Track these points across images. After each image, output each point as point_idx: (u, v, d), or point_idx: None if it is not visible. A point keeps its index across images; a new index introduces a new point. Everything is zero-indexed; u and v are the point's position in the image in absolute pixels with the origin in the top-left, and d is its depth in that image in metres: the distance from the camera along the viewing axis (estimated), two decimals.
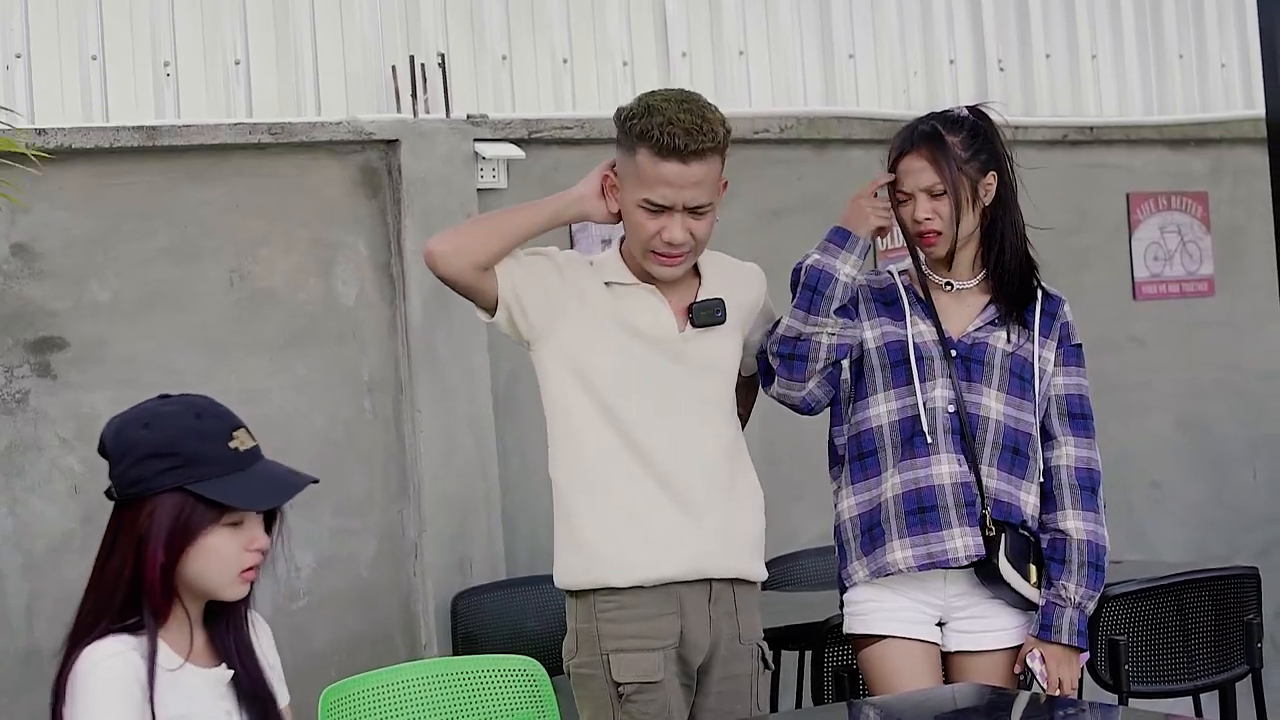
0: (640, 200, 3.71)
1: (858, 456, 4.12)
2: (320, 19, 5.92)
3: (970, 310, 4.15)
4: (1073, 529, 4.11)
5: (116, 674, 2.78)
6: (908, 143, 4.11)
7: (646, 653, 3.71)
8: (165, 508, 2.83)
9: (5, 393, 5.37)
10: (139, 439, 2.86)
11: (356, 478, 5.79)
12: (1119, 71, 7.27)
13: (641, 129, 3.68)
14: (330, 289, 5.77)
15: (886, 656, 4.08)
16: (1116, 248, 7.15)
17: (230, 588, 2.89)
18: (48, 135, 5.37)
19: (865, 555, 4.08)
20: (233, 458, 2.89)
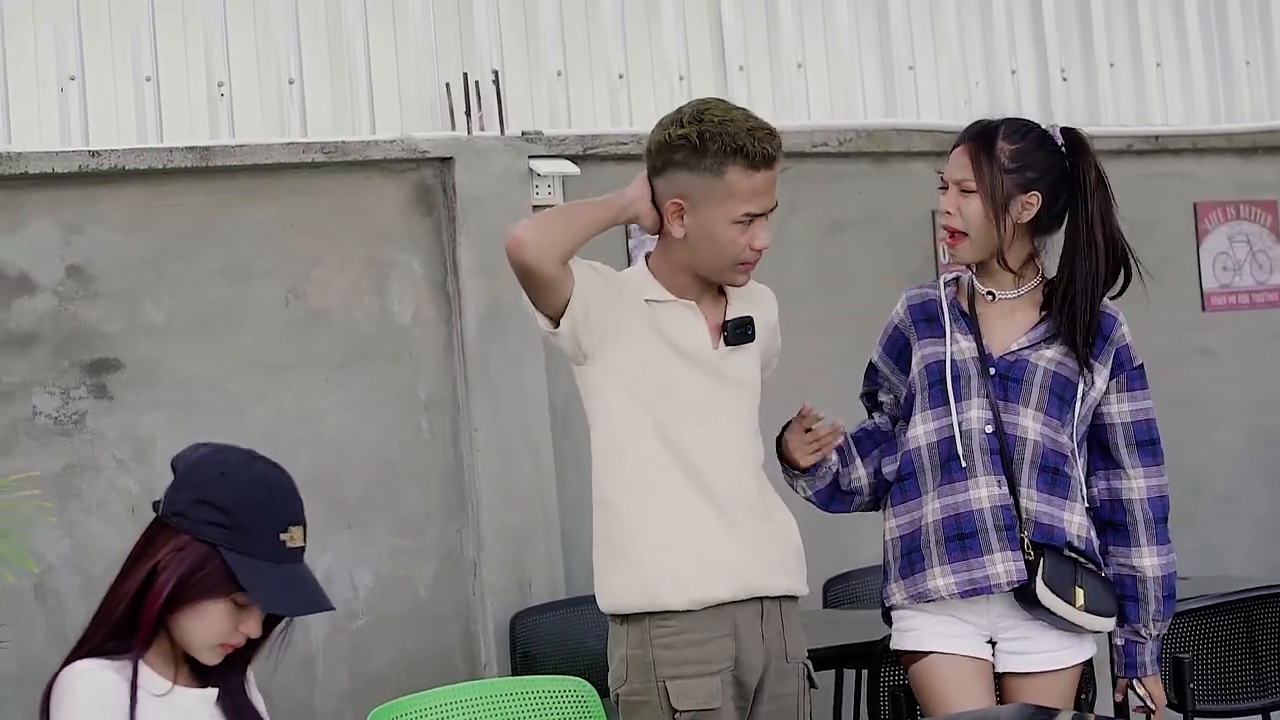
0: (738, 217, 3.62)
1: (898, 479, 4.05)
2: (374, 37, 5.92)
3: (1016, 326, 4.03)
4: (1148, 566, 4.01)
5: (93, 690, 2.78)
6: (965, 134, 4.03)
7: (704, 678, 3.63)
8: (192, 554, 2.82)
9: (62, 414, 5.37)
10: (209, 482, 2.86)
11: (413, 497, 5.76)
12: (1185, 79, 7.17)
13: (730, 146, 3.58)
14: (385, 308, 5.75)
15: (936, 672, 4.00)
16: (1184, 258, 7.04)
17: (206, 653, 2.87)
18: (101, 157, 5.38)
19: (904, 579, 4.01)
20: (277, 550, 2.86)
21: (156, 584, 2.81)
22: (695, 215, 3.63)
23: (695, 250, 3.66)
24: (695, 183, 3.61)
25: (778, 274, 6.25)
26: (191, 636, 2.86)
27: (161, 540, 2.85)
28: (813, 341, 6.20)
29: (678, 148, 3.62)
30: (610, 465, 3.74)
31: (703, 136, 3.60)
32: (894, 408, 4.15)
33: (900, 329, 4.11)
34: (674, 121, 3.65)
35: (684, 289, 3.72)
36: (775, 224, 6.17)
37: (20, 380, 5.34)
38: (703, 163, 3.60)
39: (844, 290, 6.34)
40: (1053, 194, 3.98)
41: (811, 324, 6.27)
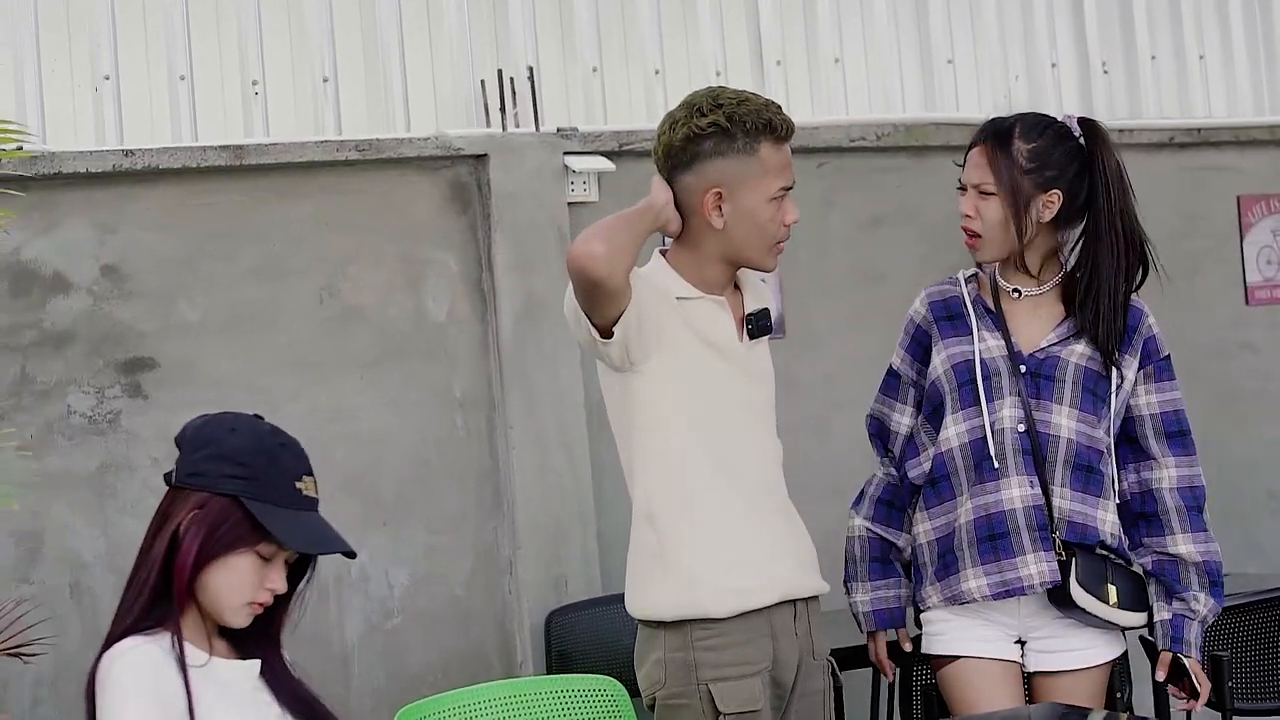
0: (776, 192, 3.64)
1: (931, 482, 4.02)
2: (409, 34, 5.91)
3: (1044, 322, 4.01)
4: (1186, 553, 4.00)
5: (135, 665, 2.80)
6: (981, 134, 4.02)
7: (747, 679, 3.61)
8: (214, 509, 2.87)
9: (97, 413, 5.37)
10: (221, 438, 2.91)
11: (449, 495, 5.74)
12: (1227, 71, 7.10)
13: (759, 123, 3.61)
14: (420, 306, 5.73)
15: (964, 676, 3.99)
16: (1228, 252, 6.98)
17: (234, 613, 2.91)
18: (135, 156, 5.38)
19: (939, 581, 4.00)
20: (294, 497, 2.93)
21: (184, 545, 2.85)
22: (734, 201, 3.62)
23: (733, 237, 3.64)
24: (731, 167, 3.61)
25: (815, 269, 6.27)
26: (220, 596, 2.88)
27: (180, 505, 2.88)
28: (850, 337, 6.18)
29: (707, 136, 3.60)
30: (656, 475, 3.67)
31: (731, 119, 3.60)
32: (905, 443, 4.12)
33: (922, 327, 4.08)
34: (692, 114, 3.63)
35: (710, 283, 3.70)
36: (813, 219, 6.27)
37: (55, 380, 5.35)
38: (735, 145, 3.60)
39: (881, 285, 6.29)
40: (1073, 190, 3.95)
41: (848, 319, 6.25)
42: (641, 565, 3.71)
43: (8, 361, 5.29)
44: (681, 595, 3.62)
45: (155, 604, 2.87)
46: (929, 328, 4.07)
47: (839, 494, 5.80)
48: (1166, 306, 6.68)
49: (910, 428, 4.11)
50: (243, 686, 2.90)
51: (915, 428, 4.09)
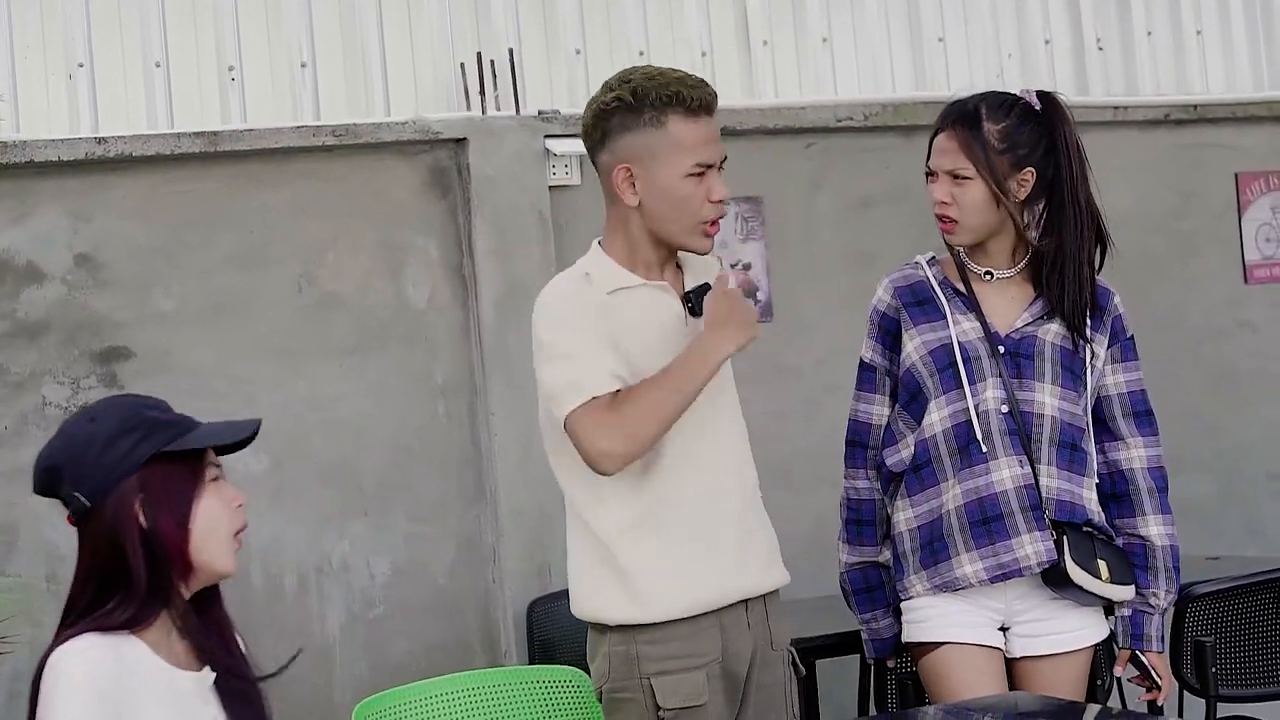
0: (690, 169, 3.49)
1: (915, 468, 3.94)
2: (387, 17, 5.85)
3: (1015, 302, 3.95)
4: (1155, 535, 3.97)
5: (83, 670, 2.71)
6: (946, 119, 3.94)
7: (690, 672, 3.52)
8: (155, 482, 2.78)
9: (72, 404, 5.32)
10: (93, 431, 2.82)
11: (431, 483, 5.69)
12: (1225, 47, 7.00)
13: (665, 96, 3.47)
14: (400, 292, 5.68)
15: (947, 663, 3.92)
16: (1226, 230, 6.88)
17: (229, 557, 2.86)
18: (108, 144, 5.33)
19: (925, 569, 3.93)
20: (184, 420, 2.86)
21: (161, 526, 2.76)
22: (646, 177, 3.50)
23: (652, 215, 3.52)
24: (638, 141, 3.49)
25: (804, 251, 6.20)
26: (211, 542, 2.82)
27: (120, 508, 2.77)
28: (840, 319, 6.10)
29: (612, 111, 3.50)
30: (583, 477, 3.55)
31: (635, 93, 3.48)
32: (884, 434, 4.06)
33: (889, 315, 4.01)
34: (602, 91, 3.55)
35: (648, 267, 3.58)
36: (801, 201, 6.20)
37: (30, 370, 5.31)
38: (641, 118, 3.48)
39: (871, 267, 6.17)
40: (1043, 166, 3.90)
41: (838, 301, 6.17)
42: (584, 570, 3.62)
43: None
44: (626, 606, 3.54)
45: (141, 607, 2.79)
46: (896, 315, 3.99)
47: (830, 481, 5.71)
48: (1164, 285, 6.67)
49: (887, 418, 4.04)
50: (193, 699, 2.83)
51: (892, 417, 4.03)
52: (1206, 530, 6.42)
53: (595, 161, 3.59)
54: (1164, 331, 6.42)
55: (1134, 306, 4.12)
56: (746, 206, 6.04)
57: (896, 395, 4.02)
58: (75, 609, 2.79)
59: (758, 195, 6.07)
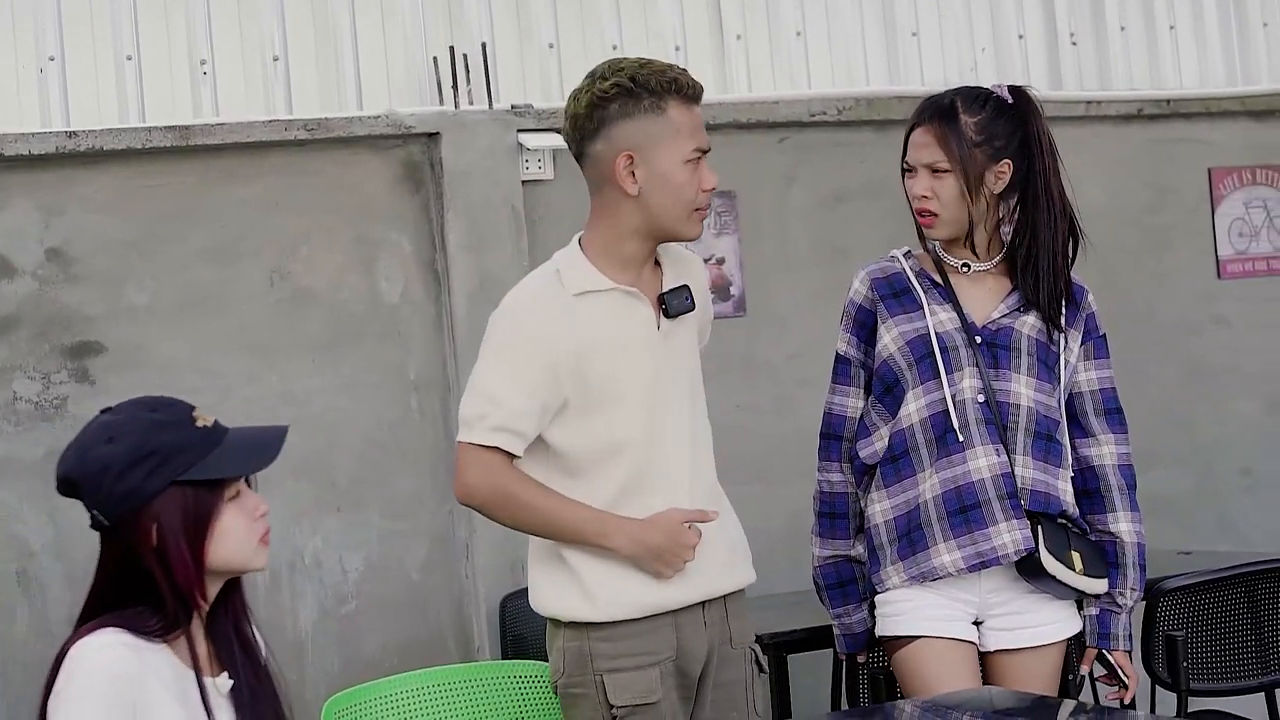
0: (689, 154, 3.51)
1: (891, 459, 3.94)
2: (360, 11, 5.83)
3: (992, 295, 3.97)
4: (1125, 532, 4.01)
5: (100, 665, 2.70)
6: (922, 114, 3.96)
7: (642, 670, 3.53)
8: (169, 508, 2.78)
9: (43, 399, 5.31)
10: (111, 455, 2.79)
11: (404, 479, 5.68)
12: (1199, 42, 7.00)
13: (664, 83, 3.49)
14: (373, 287, 5.66)
15: (921, 657, 3.92)
16: (1199, 225, 6.88)
17: (255, 558, 2.88)
18: (79, 138, 5.31)
19: (902, 560, 3.93)
20: (205, 436, 2.84)
21: (173, 556, 2.76)
22: (647, 164, 3.50)
23: (650, 203, 3.52)
24: (640, 128, 3.49)
25: (777, 246, 6.20)
26: (232, 557, 2.84)
27: (132, 532, 2.77)
28: (813, 314, 6.10)
29: (611, 99, 3.50)
30: (542, 475, 3.56)
31: (634, 80, 3.50)
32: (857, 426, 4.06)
33: (865, 307, 4.02)
34: (594, 81, 3.55)
35: (626, 265, 3.58)
36: (775, 195, 6.19)
37: (1, 365, 5.28)
38: (641, 105, 3.49)
39: (845, 262, 6.15)
40: (1019, 158, 3.92)
41: (811, 296, 6.17)
42: (540, 566, 3.63)
43: None
44: (578, 604, 3.55)
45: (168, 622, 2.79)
46: (873, 307, 4.00)
47: (804, 475, 5.70)
48: (1137, 280, 6.68)
49: (861, 410, 4.04)
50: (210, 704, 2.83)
51: (865, 409, 4.03)
52: (1180, 525, 6.44)
53: (585, 152, 3.57)
54: (1138, 326, 6.43)
55: (1107, 301, 4.13)
56: (720, 201, 6.03)
57: (869, 388, 4.02)
58: (95, 609, 2.79)
59: (731, 190, 6.06)
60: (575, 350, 3.52)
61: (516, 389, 3.51)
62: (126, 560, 2.78)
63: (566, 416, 3.55)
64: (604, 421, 3.54)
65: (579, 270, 3.58)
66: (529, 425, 3.52)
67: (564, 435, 3.56)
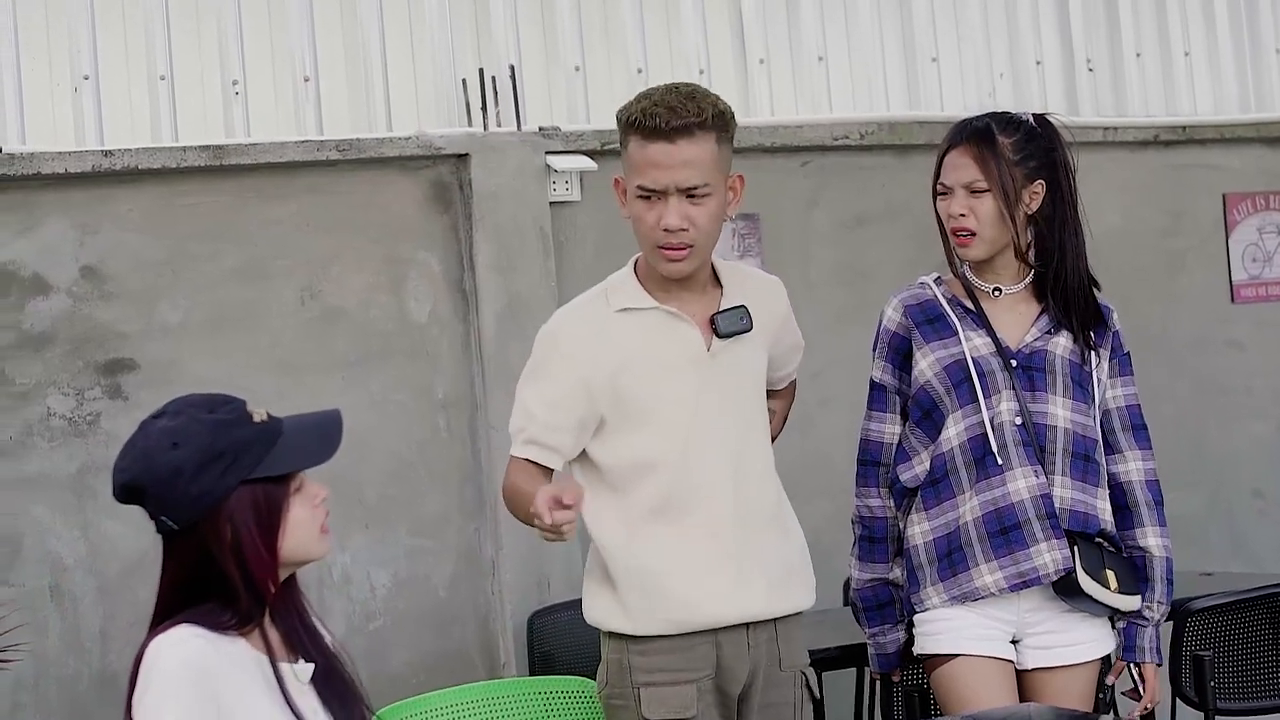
0: (636, 189, 3.54)
1: (931, 483, 4.00)
2: (390, 33, 5.88)
3: (1023, 318, 4.03)
4: (1153, 547, 4.07)
5: (180, 660, 2.75)
6: (958, 136, 4.02)
7: (679, 686, 3.58)
8: (242, 505, 2.82)
9: (77, 415, 5.35)
10: (179, 459, 2.82)
11: (432, 497, 5.72)
12: (1213, 69, 7.08)
13: (629, 117, 3.55)
14: (402, 306, 5.71)
15: (961, 675, 3.97)
16: (1213, 249, 6.96)
17: (318, 546, 2.94)
18: (115, 156, 5.35)
19: (943, 580, 3.98)
20: (266, 431, 2.90)
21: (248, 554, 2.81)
22: (627, 198, 3.62)
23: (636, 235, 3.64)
24: (623, 159, 3.63)
25: (800, 267, 6.25)
26: (299, 550, 2.89)
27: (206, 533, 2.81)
28: (835, 335, 6.16)
29: (619, 128, 3.63)
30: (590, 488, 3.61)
31: (620, 113, 3.61)
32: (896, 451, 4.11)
33: (900, 334, 4.07)
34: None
35: (664, 285, 3.63)
36: (798, 218, 6.25)
37: (34, 381, 5.32)
38: (621, 136, 3.62)
39: (866, 284, 6.28)
40: (1050, 179, 3.99)
41: (833, 317, 6.23)
42: (590, 576, 3.72)
43: None
44: (618, 617, 3.63)
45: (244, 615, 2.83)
46: (908, 333, 4.06)
47: (824, 493, 5.82)
48: (1152, 303, 6.74)
49: (899, 435, 4.10)
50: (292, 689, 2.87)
51: (903, 434, 4.09)
52: (1193, 545, 6.49)
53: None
54: (1152, 347, 6.49)
55: (1122, 322, 4.19)
56: (743, 223, 6.10)
57: (906, 413, 4.08)
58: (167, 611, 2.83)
59: (754, 212, 6.12)
60: (611, 368, 3.59)
61: (548, 404, 3.60)
62: (198, 561, 2.82)
63: (605, 432, 3.63)
64: (637, 439, 3.61)
65: (625, 288, 3.66)
66: (563, 440, 3.60)
67: (602, 450, 3.64)
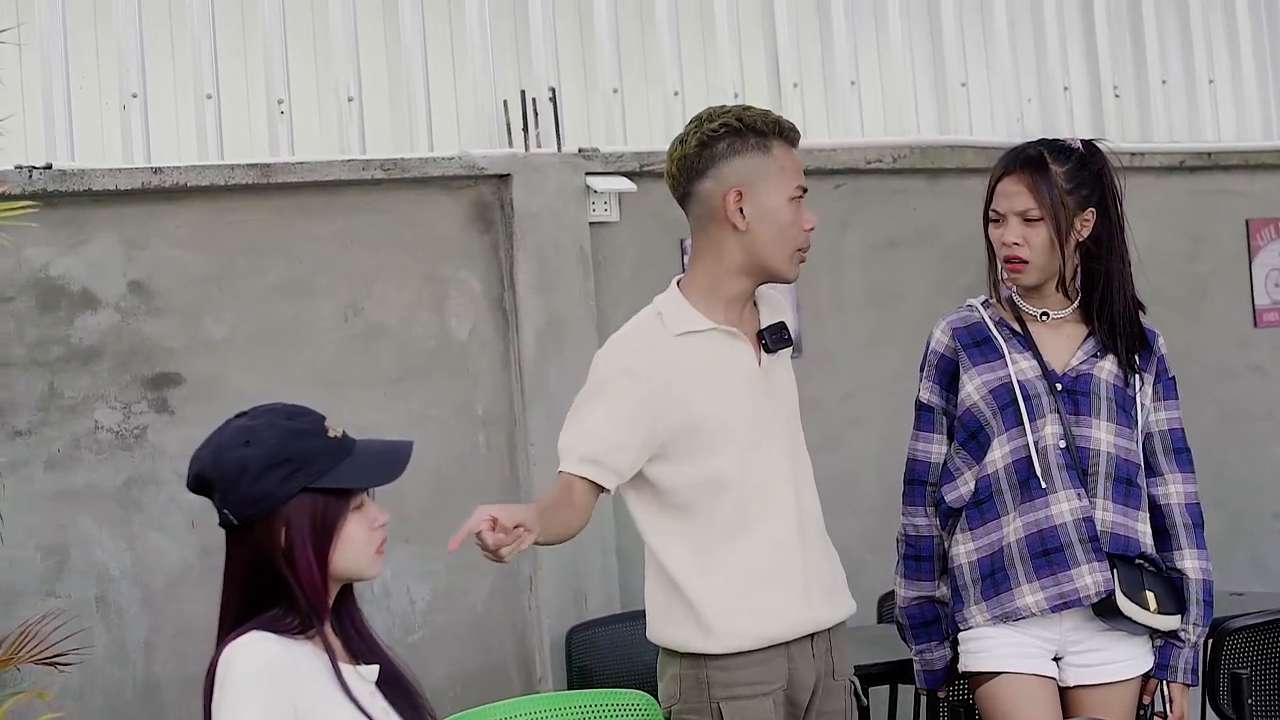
0: (793, 191, 3.64)
1: (976, 503, 4.07)
2: (432, 55, 5.97)
3: (1069, 341, 4.09)
4: (1190, 569, 4.10)
5: (255, 661, 2.81)
6: (1011, 164, 4.07)
7: (758, 699, 3.63)
8: (299, 513, 2.88)
9: (123, 428, 5.41)
10: (248, 458, 2.89)
11: (471, 511, 5.75)
12: (1237, 95, 7.18)
13: (768, 124, 3.63)
14: (444, 324, 5.79)
15: (1005, 692, 4.03)
16: (1236, 274, 7.04)
17: (371, 566, 2.97)
18: (164, 174, 5.43)
19: (986, 600, 4.04)
20: (337, 446, 2.96)
21: (298, 559, 2.86)
22: (754, 200, 3.61)
23: (756, 239, 3.63)
24: (747, 165, 3.62)
25: (832, 289, 6.33)
26: (352, 565, 2.93)
27: (261, 533, 2.87)
28: (865, 356, 6.24)
29: (719, 138, 3.62)
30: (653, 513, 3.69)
31: (740, 119, 3.62)
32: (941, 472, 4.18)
33: (947, 356, 4.12)
34: (701, 123, 3.67)
35: (729, 304, 3.68)
36: (830, 240, 6.34)
37: (82, 395, 5.39)
38: (749, 142, 3.61)
39: (897, 306, 6.36)
40: (1100, 206, 4.05)
41: (865, 339, 6.31)
42: (658, 598, 3.73)
43: (36, 377, 5.34)
44: (696, 637, 3.66)
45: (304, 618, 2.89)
46: (955, 356, 4.11)
47: (853, 511, 5.90)
48: (1175, 327, 6.79)
49: (945, 455, 4.16)
50: (362, 691, 2.93)
51: (949, 455, 4.15)
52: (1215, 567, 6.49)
53: (692, 191, 3.67)
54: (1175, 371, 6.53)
55: None
56: None
57: (951, 434, 4.14)
58: (231, 613, 2.90)
59: None
60: (675, 390, 3.62)
61: (613, 423, 3.60)
62: (255, 560, 2.89)
63: (668, 455, 3.65)
64: (705, 459, 3.64)
65: (680, 312, 3.69)
66: (623, 460, 3.61)
67: (667, 473, 3.66)
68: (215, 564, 2.95)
